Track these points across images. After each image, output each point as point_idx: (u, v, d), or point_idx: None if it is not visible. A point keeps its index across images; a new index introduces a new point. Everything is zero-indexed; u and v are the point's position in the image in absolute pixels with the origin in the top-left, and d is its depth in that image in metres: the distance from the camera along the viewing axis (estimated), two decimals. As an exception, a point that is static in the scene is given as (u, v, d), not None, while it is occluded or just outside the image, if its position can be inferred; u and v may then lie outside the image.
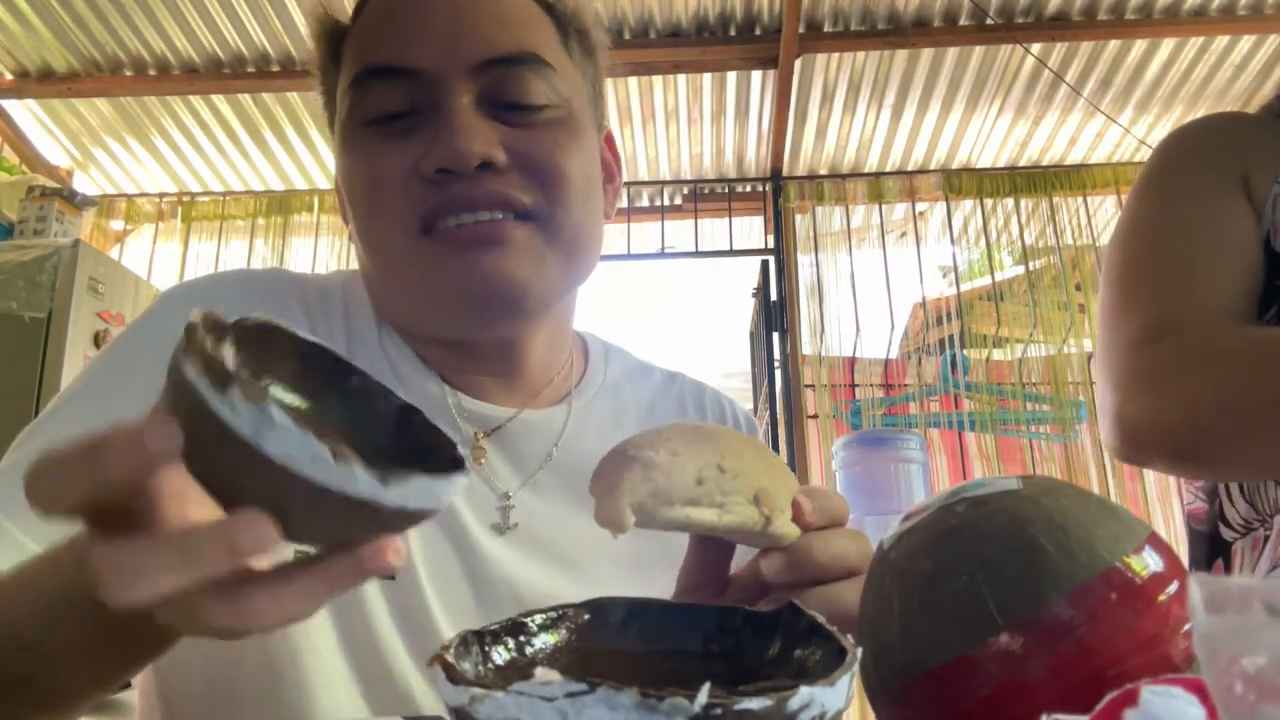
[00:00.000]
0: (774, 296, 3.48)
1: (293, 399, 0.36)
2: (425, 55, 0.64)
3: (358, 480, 0.29)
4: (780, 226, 3.53)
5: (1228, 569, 0.90)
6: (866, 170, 3.60)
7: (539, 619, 0.39)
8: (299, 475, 0.28)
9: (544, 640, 0.39)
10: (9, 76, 3.18)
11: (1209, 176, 0.88)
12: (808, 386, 3.36)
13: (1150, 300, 0.83)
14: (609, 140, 0.78)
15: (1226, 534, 0.91)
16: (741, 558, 0.54)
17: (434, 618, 0.63)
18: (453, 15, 0.65)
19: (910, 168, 3.59)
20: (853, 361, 3.43)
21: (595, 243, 0.71)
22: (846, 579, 0.50)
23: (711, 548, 0.53)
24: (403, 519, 0.31)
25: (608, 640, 0.40)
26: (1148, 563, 0.37)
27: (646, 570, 0.58)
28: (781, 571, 0.48)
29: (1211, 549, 0.92)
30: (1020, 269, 3.56)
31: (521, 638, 0.38)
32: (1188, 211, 0.87)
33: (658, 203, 3.68)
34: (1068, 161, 3.56)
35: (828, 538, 0.50)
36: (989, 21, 2.98)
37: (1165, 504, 3.26)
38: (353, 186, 0.66)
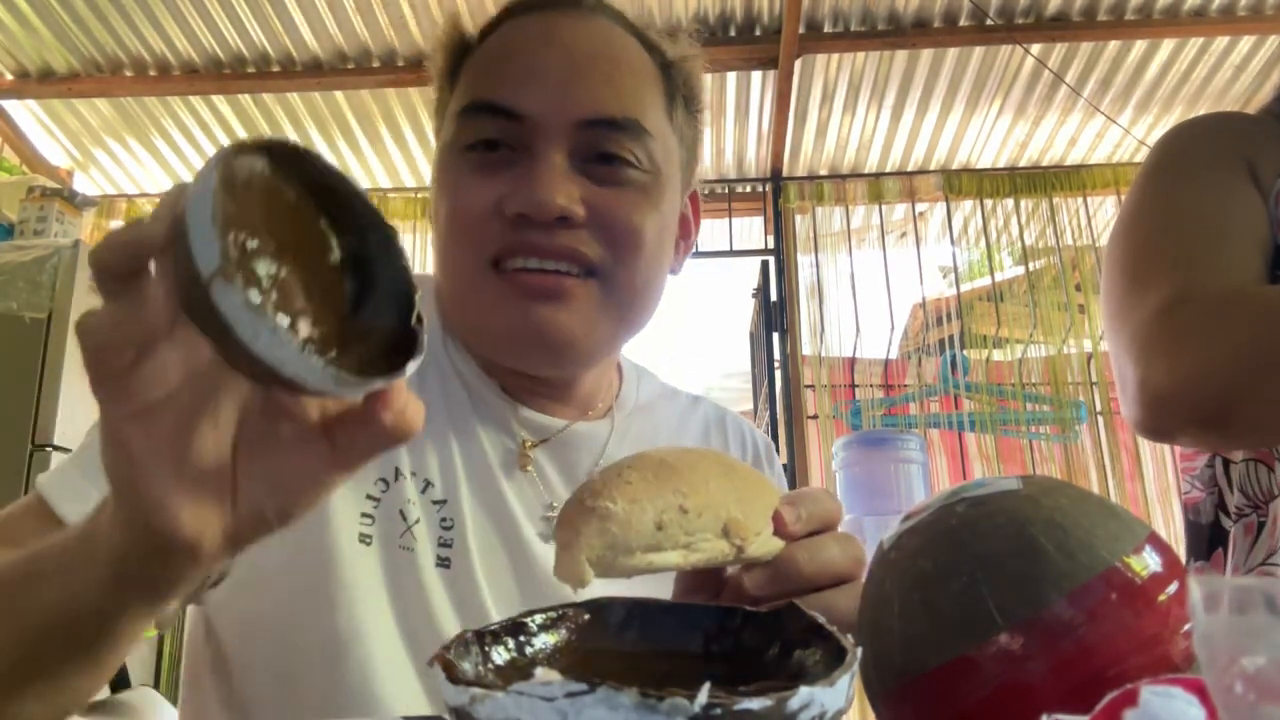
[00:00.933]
0: (774, 297, 3.48)
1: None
2: (533, 102, 0.67)
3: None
4: (780, 227, 3.53)
5: (1226, 558, 0.90)
6: (866, 171, 3.60)
7: (539, 619, 0.39)
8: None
9: (544, 640, 0.39)
10: (9, 77, 3.18)
11: (1216, 162, 0.87)
12: (808, 387, 3.36)
13: (1165, 276, 0.82)
14: (694, 198, 0.81)
15: (1226, 523, 0.91)
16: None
17: (488, 609, 0.66)
18: (568, 69, 0.68)
19: (910, 168, 3.59)
20: (853, 362, 3.43)
21: (653, 303, 0.75)
22: (838, 586, 0.49)
23: None
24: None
25: (608, 640, 0.40)
26: (1148, 563, 0.37)
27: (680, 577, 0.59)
28: (763, 586, 0.48)
29: (1213, 539, 0.92)
30: (1020, 269, 3.56)
31: (521, 638, 0.38)
32: (1197, 193, 0.86)
33: (658, 203, 3.67)
34: (1067, 162, 3.56)
35: (813, 546, 0.49)
36: (989, 22, 2.98)
37: (1165, 504, 3.26)
38: (439, 206, 0.71)
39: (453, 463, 0.70)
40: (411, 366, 0.37)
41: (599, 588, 0.45)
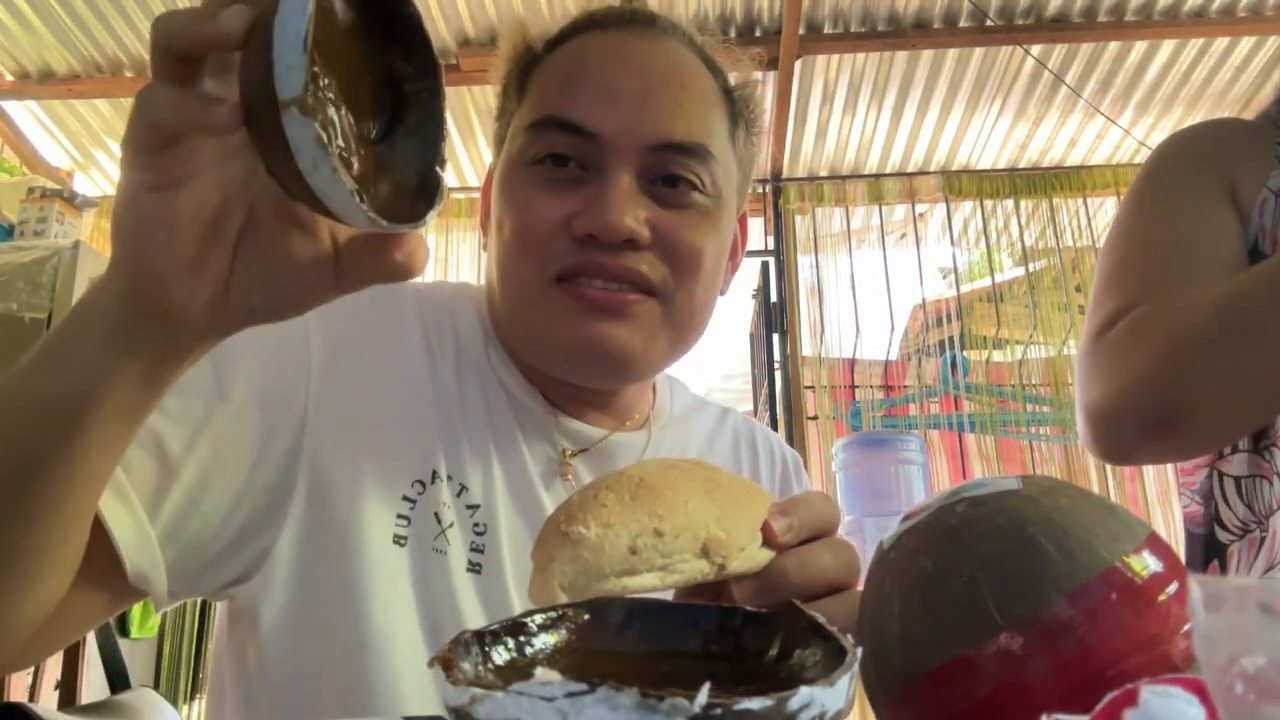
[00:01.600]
0: (774, 298, 3.49)
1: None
2: (606, 123, 0.67)
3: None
4: (780, 228, 3.53)
5: (1223, 571, 0.90)
6: (866, 172, 3.60)
7: (539, 619, 0.39)
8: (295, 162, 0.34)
9: (544, 640, 0.39)
10: (9, 78, 3.18)
11: (1194, 182, 0.88)
12: (808, 388, 3.36)
13: (1118, 295, 0.83)
14: (742, 220, 0.82)
15: (1222, 536, 0.91)
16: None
17: (515, 612, 0.66)
18: (641, 91, 0.68)
19: (910, 169, 3.59)
20: (853, 363, 3.43)
21: (706, 323, 0.75)
22: (833, 595, 0.48)
23: None
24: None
25: (608, 640, 0.40)
26: (1148, 563, 0.37)
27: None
28: (751, 597, 0.46)
29: (1207, 551, 0.92)
30: (1020, 270, 3.56)
31: (521, 638, 0.38)
32: (1168, 217, 0.87)
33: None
34: (1068, 163, 3.56)
35: (805, 556, 0.48)
36: (989, 23, 2.98)
37: (1165, 504, 3.26)
38: (503, 219, 0.71)
39: (491, 469, 0.70)
40: (431, 215, 0.39)
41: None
